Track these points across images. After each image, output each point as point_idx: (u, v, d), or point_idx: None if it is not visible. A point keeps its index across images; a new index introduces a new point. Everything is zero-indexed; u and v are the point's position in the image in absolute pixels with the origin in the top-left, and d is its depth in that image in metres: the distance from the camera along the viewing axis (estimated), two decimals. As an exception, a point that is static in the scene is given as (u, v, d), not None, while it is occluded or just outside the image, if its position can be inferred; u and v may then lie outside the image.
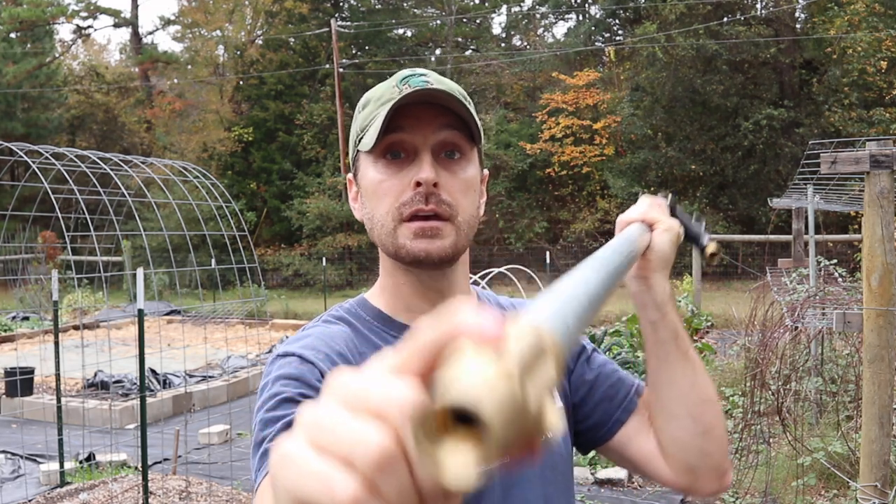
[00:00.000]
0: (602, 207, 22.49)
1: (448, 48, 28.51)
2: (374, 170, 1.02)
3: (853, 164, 3.08)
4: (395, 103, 0.95)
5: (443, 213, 0.99)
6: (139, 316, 4.70)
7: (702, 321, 10.14)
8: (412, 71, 1.02)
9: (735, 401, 6.69)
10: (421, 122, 0.99)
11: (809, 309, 5.06)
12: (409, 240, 0.99)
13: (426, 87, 0.97)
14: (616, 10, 25.12)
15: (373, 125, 0.99)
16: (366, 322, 1.06)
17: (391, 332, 1.04)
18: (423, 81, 1.00)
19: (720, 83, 20.76)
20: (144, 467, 4.81)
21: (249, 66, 26.61)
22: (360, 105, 1.06)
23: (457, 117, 1.00)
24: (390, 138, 0.99)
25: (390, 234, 1.00)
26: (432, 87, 0.97)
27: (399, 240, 0.99)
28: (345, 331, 1.03)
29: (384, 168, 1.01)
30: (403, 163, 1.00)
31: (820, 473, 4.82)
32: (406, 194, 0.99)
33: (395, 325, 1.05)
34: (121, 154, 17.35)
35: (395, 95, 0.98)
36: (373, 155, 1.02)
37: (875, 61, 19.87)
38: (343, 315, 1.07)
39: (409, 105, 0.97)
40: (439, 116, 0.99)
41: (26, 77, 26.25)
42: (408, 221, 0.99)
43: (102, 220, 17.66)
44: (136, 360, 4.96)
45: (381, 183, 1.01)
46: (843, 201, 8.45)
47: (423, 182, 0.97)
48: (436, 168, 0.98)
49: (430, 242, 0.98)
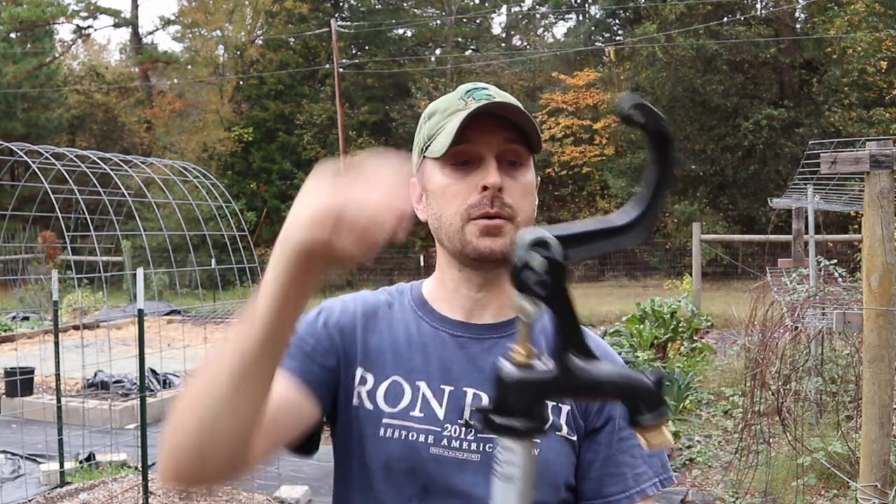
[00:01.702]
0: (602, 207, 22.50)
1: (448, 48, 28.50)
2: (442, 174, 1.11)
3: (853, 164, 3.08)
4: (468, 116, 1.06)
5: (505, 215, 1.08)
6: (139, 316, 4.70)
7: (702, 321, 10.14)
8: (474, 85, 1.14)
9: (735, 401, 6.69)
10: (486, 133, 1.08)
11: (809, 309, 5.06)
12: (476, 237, 1.08)
13: (491, 100, 1.08)
14: (616, 10, 25.14)
15: (441, 134, 1.10)
16: (406, 300, 1.19)
17: (419, 312, 1.16)
18: (486, 95, 1.12)
19: (720, 83, 20.77)
20: (144, 467, 4.81)
21: (249, 66, 26.61)
22: (425, 115, 1.16)
23: (517, 128, 1.09)
24: (458, 148, 1.09)
25: (458, 231, 1.09)
26: (496, 100, 1.08)
27: (466, 237, 1.09)
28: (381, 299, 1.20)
29: (452, 173, 1.10)
30: (470, 169, 1.09)
31: (820, 473, 4.82)
32: (473, 197, 1.08)
33: (428, 310, 1.16)
34: (121, 154, 17.36)
35: (463, 107, 1.09)
36: (441, 161, 1.11)
37: (875, 61, 19.87)
38: (393, 291, 1.22)
39: (476, 116, 1.07)
40: (503, 128, 1.09)
41: (26, 77, 26.24)
42: (476, 220, 1.08)
43: (102, 220, 17.65)
44: (136, 360, 4.96)
45: (450, 187, 1.10)
46: (843, 201, 8.46)
47: (490, 186, 1.06)
48: (500, 174, 1.08)
49: (493, 240, 1.08)
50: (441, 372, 1.11)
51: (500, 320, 1.15)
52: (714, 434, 6.51)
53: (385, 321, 1.15)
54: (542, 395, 0.71)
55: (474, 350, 1.12)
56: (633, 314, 9.60)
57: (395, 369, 1.11)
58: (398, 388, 1.10)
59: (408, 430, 1.08)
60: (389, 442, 1.08)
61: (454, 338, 1.13)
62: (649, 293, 15.35)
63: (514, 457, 0.70)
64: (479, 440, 1.08)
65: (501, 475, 0.70)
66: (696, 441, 6.32)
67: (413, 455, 1.07)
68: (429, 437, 1.08)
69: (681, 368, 7.77)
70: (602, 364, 0.70)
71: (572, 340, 0.70)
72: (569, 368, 0.70)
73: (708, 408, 7.37)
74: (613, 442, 1.12)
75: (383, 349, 1.13)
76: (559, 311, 0.69)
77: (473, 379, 1.11)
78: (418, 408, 1.09)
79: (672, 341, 9.13)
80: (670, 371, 7.59)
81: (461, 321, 1.14)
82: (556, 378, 0.70)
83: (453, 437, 1.08)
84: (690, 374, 7.41)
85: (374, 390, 1.11)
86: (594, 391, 0.71)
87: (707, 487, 5.34)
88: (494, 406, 0.71)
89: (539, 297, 0.68)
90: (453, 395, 1.10)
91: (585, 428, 1.12)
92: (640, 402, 0.70)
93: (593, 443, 1.12)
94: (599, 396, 0.72)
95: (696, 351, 9.23)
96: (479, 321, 1.15)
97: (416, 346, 1.13)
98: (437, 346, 1.13)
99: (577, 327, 0.70)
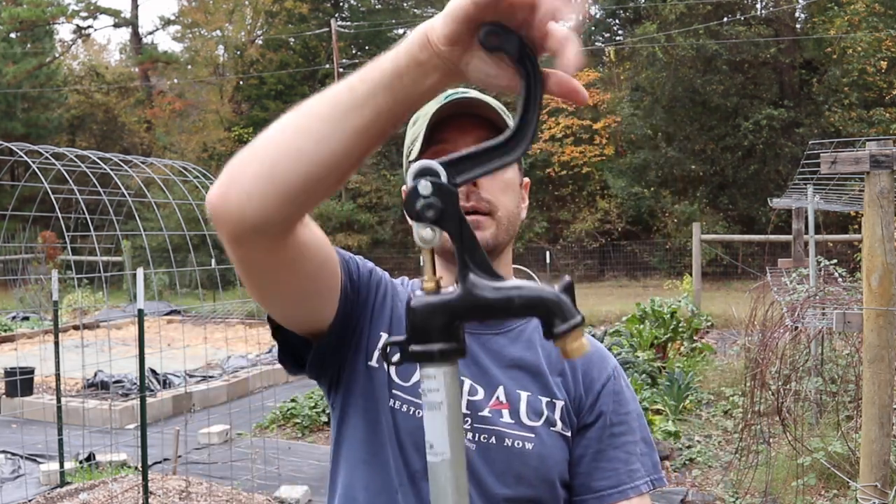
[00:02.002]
0: (602, 207, 22.50)
1: (448, 48, 28.50)
2: None
3: (853, 164, 3.08)
4: (435, 113, 1.08)
5: (482, 209, 1.11)
6: (139, 316, 4.70)
7: (702, 321, 10.14)
8: (455, 90, 1.13)
9: (735, 401, 6.69)
10: (462, 133, 1.11)
11: (809, 309, 5.06)
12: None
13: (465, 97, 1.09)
14: (616, 10, 25.13)
15: (419, 138, 1.12)
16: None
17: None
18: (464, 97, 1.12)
19: (720, 83, 20.76)
20: (144, 467, 4.81)
21: (249, 66, 26.61)
22: (410, 121, 1.18)
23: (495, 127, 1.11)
24: (434, 149, 1.10)
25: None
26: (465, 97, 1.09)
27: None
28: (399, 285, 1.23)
29: None
30: None
31: (820, 473, 4.82)
32: None
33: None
34: (121, 154, 17.36)
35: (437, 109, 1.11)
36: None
37: (875, 61, 19.87)
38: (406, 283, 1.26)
39: (452, 117, 1.10)
40: (478, 127, 1.11)
41: (26, 77, 26.25)
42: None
43: (102, 220, 17.66)
44: (136, 360, 4.96)
45: None
46: (843, 201, 8.45)
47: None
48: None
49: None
50: None
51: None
52: (714, 434, 6.51)
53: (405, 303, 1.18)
54: (452, 316, 0.71)
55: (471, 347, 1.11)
56: (633, 314, 9.60)
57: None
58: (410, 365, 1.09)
59: (417, 406, 1.09)
60: (398, 414, 1.09)
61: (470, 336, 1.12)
62: (649, 293, 15.35)
63: (436, 383, 0.70)
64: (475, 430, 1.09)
65: (428, 404, 0.71)
66: (696, 441, 6.32)
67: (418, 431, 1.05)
68: None
69: (681, 368, 7.77)
70: (508, 282, 0.71)
71: (474, 261, 0.71)
72: (474, 289, 0.70)
73: (708, 408, 7.37)
74: (604, 437, 1.12)
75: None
76: (455, 234, 0.70)
77: (471, 371, 1.12)
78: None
79: (672, 341, 9.13)
80: (670, 371, 7.59)
81: None
82: (462, 298, 0.71)
83: None
84: (690, 374, 7.41)
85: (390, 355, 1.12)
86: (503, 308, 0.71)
87: (707, 487, 5.34)
88: (409, 336, 0.72)
89: (431, 222, 0.69)
90: None
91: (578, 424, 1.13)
92: (550, 314, 0.70)
93: (583, 438, 1.13)
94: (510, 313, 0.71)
95: (696, 351, 9.23)
96: None
97: None
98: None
99: (476, 249, 0.71)
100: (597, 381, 1.16)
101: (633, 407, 1.17)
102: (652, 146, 21.83)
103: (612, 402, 1.15)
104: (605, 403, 1.14)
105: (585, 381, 1.15)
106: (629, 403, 1.17)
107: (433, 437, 0.70)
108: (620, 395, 1.16)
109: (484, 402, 1.11)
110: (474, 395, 1.11)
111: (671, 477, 5.59)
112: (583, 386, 1.15)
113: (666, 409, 6.94)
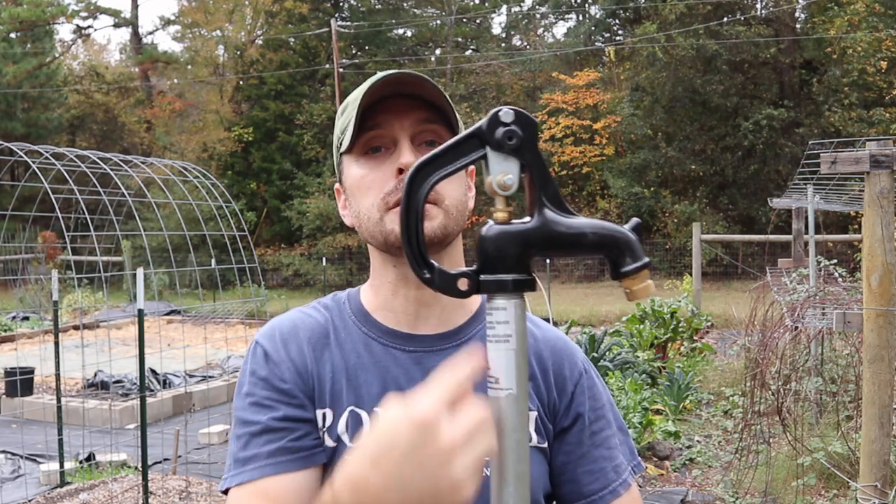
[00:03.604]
0: (602, 207, 22.49)
1: (448, 48, 28.50)
2: (357, 167, 1.03)
3: (853, 164, 3.08)
4: (365, 92, 0.96)
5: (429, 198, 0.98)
6: (139, 316, 4.70)
7: (702, 321, 10.14)
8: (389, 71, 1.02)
9: (735, 401, 6.69)
10: (397, 115, 1.00)
11: (809, 309, 5.06)
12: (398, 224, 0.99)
13: (393, 73, 0.98)
14: (616, 10, 25.13)
15: (350, 126, 1.00)
16: (346, 315, 1.08)
17: (364, 328, 1.06)
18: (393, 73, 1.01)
19: (720, 83, 20.76)
20: (144, 467, 4.81)
21: (249, 66, 26.61)
22: (339, 111, 1.07)
23: (432, 107, 1.00)
24: (368, 135, 1.01)
25: (377, 223, 1.01)
26: (399, 72, 0.98)
27: (388, 226, 1.00)
28: (321, 321, 1.07)
29: (365, 163, 1.02)
30: (384, 156, 1.01)
31: (820, 473, 4.82)
32: (389, 184, 0.99)
33: (372, 323, 1.06)
34: (121, 154, 17.34)
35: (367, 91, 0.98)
36: (353, 154, 1.03)
37: (875, 61, 19.86)
38: (330, 304, 1.10)
39: (384, 100, 0.99)
40: (414, 108, 1.00)
41: (26, 77, 26.24)
42: (394, 209, 0.99)
43: (102, 220, 17.64)
44: (136, 360, 4.96)
45: (364, 177, 1.02)
46: (843, 201, 8.45)
47: (404, 167, 0.97)
48: (416, 155, 0.98)
49: None
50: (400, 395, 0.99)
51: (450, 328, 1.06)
52: (714, 434, 6.51)
53: (334, 346, 1.04)
54: (526, 247, 0.70)
55: (431, 363, 1.02)
56: (633, 314, 9.60)
57: (351, 399, 1.01)
58: (357, 419, 1.00)
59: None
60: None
61: (408, 353, 1.03)
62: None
63: (505, 315, 0.69)
64: None
65: (495, 337, 0.70)
66: (696, 441, 6.33)
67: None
68: None
69: (681, 368, 7.77)
70: (580, 218, 0.70)
71: (548, 195, 0.70)
72: (549, 221, 0.70)
73: (708, 408, 7.37)
74: (585, 438, 1.06)
75: (337, 378, 1.02)
76: (533, 166, 0.70)
77: None
78: None
79: (672, 341, 9.13)
80: (670, 371, 7.59)
81: (410, 333, 1.04)
82: (537, 229, 0.70)
83: None
84: (690, 374, 7.40)
85: (334, 426, 1.00)
86: (575, 242, 0.70)
87: (707, 487, 5.34)
88: (480, 265, 0.70)
89: (513, 150, 0.68)
90: None
91: (554, 429, 1.06)
92: (620, 251, 0.70)
93: (564, 444, 1.06)
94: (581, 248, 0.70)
95: (696, 351, 9.23)
96: (428, 330, 1.05)
97: (369, 370, 1.02)
98: (391, 365, 1.02)
99: (550, 182, 0.70)
100: (569, 381, 1.08)
101: (605, 398, 1.11)
102: (652, 146, 21.83)
103: (588, 400, 1.08)
104: (581, 403, 1.07)
105: (558, 383, 1.07)
106: (602, 396, 1.10)
107: (498, 371, 0.69)
108: (594, 389, 1.09)
109: None
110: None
111: (671, 477, 5.59)
112: (555, 389, 1.07)
113: (666, 409, 6.94)
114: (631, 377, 7.01)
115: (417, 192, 0.72)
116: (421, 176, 0.72)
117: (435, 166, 0.72)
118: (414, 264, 0.72)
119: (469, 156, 0.71)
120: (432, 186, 0.72)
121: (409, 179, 0.71)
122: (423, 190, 0.72)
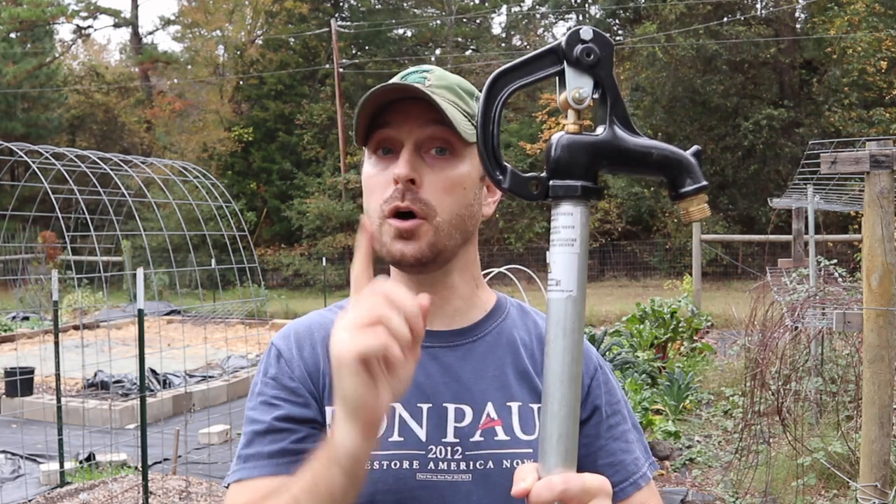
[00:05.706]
0: (602, 207, 22.47)
1: (448, 48, 28.50)
2: (369, 164, 1.03)
3: (853, 164, 3.08)
4: (369, 96, 0.95)
5: (418, 212, 0.97)
6: (139, 316, 4.70)
7: (702, 321, 10.14)
8: (417, 68, 1.03)
9: (735, 401, 6.69)
10: (408, 118, 0.98)
11: (809, 309, 5.06)
12: (390, 239, 0.99)
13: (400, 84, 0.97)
14: (616, 10, 25.12)
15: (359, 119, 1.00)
16: None
17: None
18: (420, 78, 1.00)
19: (720, 83, 20.76)
20: (144, 467, 4.81)
21: (249, 66, 26.61)
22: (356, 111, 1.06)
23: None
24: (379, 134, 1.00)
25: (377, 230, 1.00)
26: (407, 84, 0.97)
27: (383, 237, 0.99)
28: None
29: (377, 162, 1.01)
30: (391, 158, 1.00)
31: (820, 473, 4.82)
32: (388, 190, 0.98)
33: None
34: (121, 154, 17.33)
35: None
36: (369, 150, 1.03)
37: (875, 61, 19.86)
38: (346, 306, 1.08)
39: (400, 101, 0.98)
40: (427, 112, 0.97)
41: (26, 77, 26.24)
42: (389, 218, 0.98)
43: (102, 220, 17.64)
44: (136, 360, 4.96)
45: (370, 178, 1.02)
46: (843, 201, 8.45)
47: (397, 177, 0.97)
48: (417, 164, 0.97)
49: (405, 244, 0.98)
50: (415, 389, 0.98)
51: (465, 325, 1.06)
52: (714, 434, 6.51)
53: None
54: (595, 157, 0.73)
55: (448, 359, 1.02)
56: (633, 314, 9.60)
57: None
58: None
59: (389, 458, 0.97)
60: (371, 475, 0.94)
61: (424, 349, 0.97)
62: (649, 293, 15.35)
63: (572, 220, 0.72)
64: (468, 458, 0.99)
65: (560, 241, 0.72)
66: (696, 441, 6.32)
67: (399, 485, 0.96)
68: (413, 462, 0.97)
69: (681, 368, 7.77)
70: (648, 140, 0.74)
71: (618, 113, 0.74)
72: (618, 136, 0.74)
73: (708, 408, 7.37)
74: (602, 431, 1.06)
75: None
76: (607, 84, 0.73)
77: (452, 392, 1.01)
78: (396, 432, 0.98)
79: (672, 341, 9.13)
80: (670, 371, 7.59)
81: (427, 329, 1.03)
82: (607, 141, 0.74)
83: (440, 459, 0.98)
84: (690, 374, 7.41)
85: None
86: (641, 160, 0.74)
87: (707, 487, 5.34)
88: (550, 172, 0.74)
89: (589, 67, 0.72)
90: (433, 413, 1.00)
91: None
92: (681, 172, 0.74)
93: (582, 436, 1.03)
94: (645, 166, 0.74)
95: (696, 351, 9.23)
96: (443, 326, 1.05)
97: None
98: None
99: (621, 103, 0.74)
100: (585, 375, 1.07)
101: (620, 395, 1.11)
102: (652, 146, 21.82)
103: (604, 394, 1.08)
104: (598, 396, 1.07)
105: None
106: (617, 392, 1.11)
107: (560, 273, 0.72)
108: (609, 384, 1.10)
109: (474, 425, 1.01)
110: (461, 421, 1.00)
111: (671, 477, 5.59)
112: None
113: (666, 409, 6.94)
114: (631, 377, 7.02)
115: (495, 99, 0.75)
116: (499, 85, 0.75)
117: (512, 77, 0.76)
118: (487, 165, 0.76)
119: (546, 70, 0.75)
120: (510, 95, 0.76)
121: (488, 87, 0.75)
122: (500, 97, 0.76)
